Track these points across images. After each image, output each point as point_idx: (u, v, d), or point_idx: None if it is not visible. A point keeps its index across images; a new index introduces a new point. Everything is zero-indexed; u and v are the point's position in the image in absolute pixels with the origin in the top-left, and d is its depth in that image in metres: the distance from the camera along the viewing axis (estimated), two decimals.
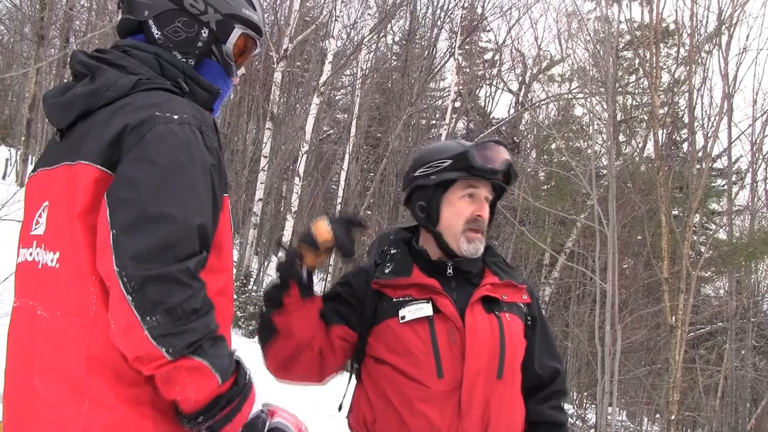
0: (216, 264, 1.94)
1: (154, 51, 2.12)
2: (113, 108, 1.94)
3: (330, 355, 2.58)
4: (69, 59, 2.15)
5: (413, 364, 2.45)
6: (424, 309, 2.49)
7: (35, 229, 2.02)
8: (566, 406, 2.87)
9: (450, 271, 2.61)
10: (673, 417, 12.56)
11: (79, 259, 1.87)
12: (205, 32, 2.21)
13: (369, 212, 23.39)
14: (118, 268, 1.75)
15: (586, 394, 19.61)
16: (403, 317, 2.50)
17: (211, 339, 1.83)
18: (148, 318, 1.73)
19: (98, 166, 1.87)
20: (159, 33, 2.18)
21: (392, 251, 2.69)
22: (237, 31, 2.27)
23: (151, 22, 2.18)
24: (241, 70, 2.40)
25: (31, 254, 2.01)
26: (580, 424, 16.64)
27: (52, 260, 1.92)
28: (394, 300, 2.54)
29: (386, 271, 2.62)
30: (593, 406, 14.47)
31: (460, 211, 2.60)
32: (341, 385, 2.75)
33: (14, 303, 2.08)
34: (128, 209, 1.78)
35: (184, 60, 2.18)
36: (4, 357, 2.08)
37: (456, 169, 2.59)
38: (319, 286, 18.65)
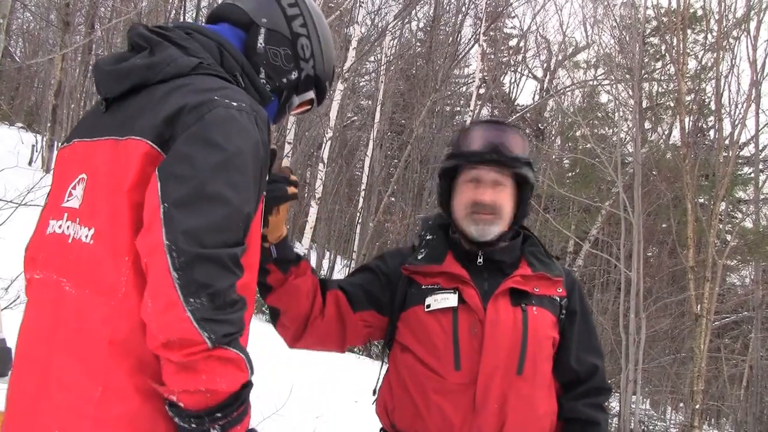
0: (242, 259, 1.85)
1: (218, 39, 2.07)
2: (170, 86, 1.88)
3: (351, 333, 2.59)
4: (128, 31, 2.07)
5: (433, 354, 2.42)
6: (450, 299, 2.46)
7: (67, 201, 1.93)
8: None
9: (480, 260, 2.56)
10: (697, 406, 12.47)
11: (115, 237, 1.78)
12: (294, 75, 2.23)
13: (393, 199, 23.39)
14: (168, 242, 1.66)
15: (609, 382, 19.55)
16: (428, 306, 2.47)
17: (240, 336, 1.77)
18: (192, 299, 1.65)
19: (148, 142, 1.80)
20: (263, 45, 2.17)
21: (428, 237, 2.67)
22: (311, 93, 2.30)
23: (263, 29, 2.18)
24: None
25: (60, 227, 1.92)
26: None
27: (86, 236, 1.83)
28: (423, 287, 2.52)
29: (419, 257, 2.60)
30: (617, 394, 14.40)
31: (462, 197, 2.57)
32: (365, 371, 2.75)
33: (35, 275, 1.98)
34: (183, 185, 1.71)
35: (244, 61, 2.13)
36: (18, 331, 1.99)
37: (452, 157, 2.60)
38: (342, 273, 18.71)
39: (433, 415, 2.38)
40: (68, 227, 1.89)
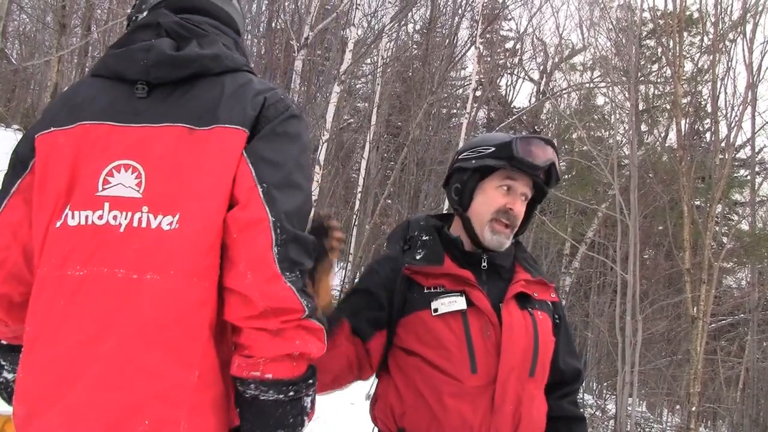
0: None
1: (234, 38, 2.17)
2: (234, 80, 2.00)
3: (366, 364, 2.55)
4: (158, 17, 2.08)
5: (446, 357, 2.41)
6: (458, 302, 2.45)
7: (105, 189, 1.85)
8: (586, 397, 2.87)
9: (485, 263, 2.57)
10: (693, 408, 12.48)
11: (214, 220, 1.82)
12: None
13: (389, 201, 23.37)
14: (273, 218, 1.78)
15: (606, 384, 19.55)
16: (436, 310, 2.45)
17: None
18: (288, 273, 1.77)
19: (248, 132, 1.90)
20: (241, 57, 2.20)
21: (423, 237, 2.63)
22: None
23: (239, 41, 2.22)
24: None
25: (101, 217, 1.83)
26: (600, 415, 16.60)
27: (170, 223, 1.80)
28: (426, 290, 2.50)
29: (417, 257, 2.57)
30: (613, 396, 14.44)
31: (492, 200, 2.56)
32: None
33: (73, 272, 1.81)
34: (276, 170, 1.86)
35: None
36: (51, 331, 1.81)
37: (497, 158, 2.55)
38: (338, 275, 18.68)
39: (450, 419, 2.37)
40: (116, 217, 1.83)
